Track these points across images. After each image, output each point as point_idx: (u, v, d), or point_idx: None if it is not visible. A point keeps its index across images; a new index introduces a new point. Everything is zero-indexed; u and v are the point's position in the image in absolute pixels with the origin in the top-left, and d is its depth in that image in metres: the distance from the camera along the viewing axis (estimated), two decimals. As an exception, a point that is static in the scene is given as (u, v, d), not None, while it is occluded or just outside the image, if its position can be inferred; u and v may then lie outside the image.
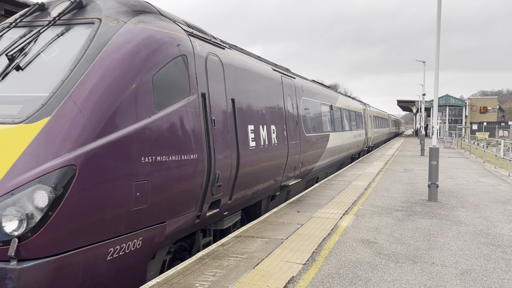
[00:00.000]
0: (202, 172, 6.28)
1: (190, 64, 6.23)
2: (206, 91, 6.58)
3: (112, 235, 4.91)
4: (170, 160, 5.56)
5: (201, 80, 6.49)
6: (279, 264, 6.01)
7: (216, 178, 6.68)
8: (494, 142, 36.25)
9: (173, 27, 6.21)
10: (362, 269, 5.89)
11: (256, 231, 7.84)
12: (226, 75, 7.46)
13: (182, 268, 5.84)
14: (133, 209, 5.09)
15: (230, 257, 6.31)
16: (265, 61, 10.53)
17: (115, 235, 4.97)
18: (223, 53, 7.61)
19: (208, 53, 6.90)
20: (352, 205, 10.29)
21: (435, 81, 11.90)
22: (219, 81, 7.17)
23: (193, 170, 6.07)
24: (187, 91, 6.09)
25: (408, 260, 6.32)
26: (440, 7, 11.59)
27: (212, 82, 6.85)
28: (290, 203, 10.55)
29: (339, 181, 14.67)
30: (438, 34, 11.69)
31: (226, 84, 7.43)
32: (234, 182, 7.48)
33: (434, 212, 9.71)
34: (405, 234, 7.74)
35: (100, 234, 4.76)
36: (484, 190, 12.94)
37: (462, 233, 7.88)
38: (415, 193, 12.34)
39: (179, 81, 5.97)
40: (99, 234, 4.75)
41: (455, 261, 6.31)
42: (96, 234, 4.72)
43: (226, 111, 7.26)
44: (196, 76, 6.35)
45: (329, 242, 7.17)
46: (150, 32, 5.64)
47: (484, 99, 70.18)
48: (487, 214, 9.58)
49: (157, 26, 5.85)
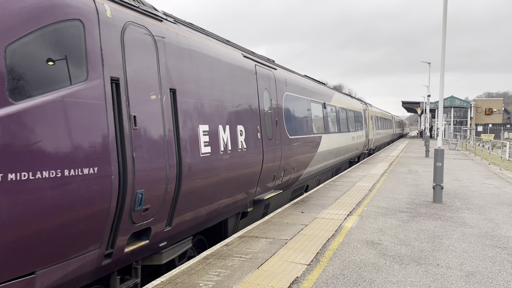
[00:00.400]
0: (108, 193, 4.45)
1: (89, 34, 4.41)
2: (121, 76, 4.79)
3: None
4: (40, 178, 3.74)
5: (111, 59, 4.67)
6: (283, 265, 6.00)
7: (138, 199, 4.89)
8: (499, 144, 36.07)
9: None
10: (367, 270, 5.88)
11: (260, 231, 7.84)
12: (162, 56, 5.59)
13: (186, 267, 5.85)
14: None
15: (234, 257, 6.32)
16: (234, 45, 8.64)
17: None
18: (158, 26, 5.66)
19: (127, 23, 5.01)
20: (357, 206, 10.27)
21: (441, 82, 11.86)
22: (148, 64, 5.31)
23: (89, 190, 4.24)
24: (81, 74, 4.29)
25: (412, 261, 6.30)
26: (446, 9, 11.55)
27: (134, 63, 5.02)
28: (294, 204, 10.55)
29: (343, 182, 14.64)
30: (444, 35, 11.65)
31: (162, 69, 5.55)
32: (174, 201, 5.70)
33: (439, 213, 9.67)
34: (409, 236, 7.72)
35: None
36: (489, 192, 12.88)
37: (467, 235, 7.85)
38: (419, 194, 12.30)
39: (66, 57, 4.18)
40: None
41: (460, 263, 6.29)
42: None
43: (160, 105, 5.41)
44: (101, 53, 4.54)
45: (333, 243, 7.16)
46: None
47: (490, 101, 69.86)
48: (492, 216, 9.53)
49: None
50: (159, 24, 5.74)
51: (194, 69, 6.34)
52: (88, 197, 4.22)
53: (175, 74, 5.84)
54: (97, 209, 4.38)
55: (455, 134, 50.52)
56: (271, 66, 10.16)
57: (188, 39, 6.39)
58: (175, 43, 5.97)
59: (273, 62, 11.00)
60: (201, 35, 6.99)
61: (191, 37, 6.53)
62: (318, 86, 15.22)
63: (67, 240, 4.12)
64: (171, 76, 5.74)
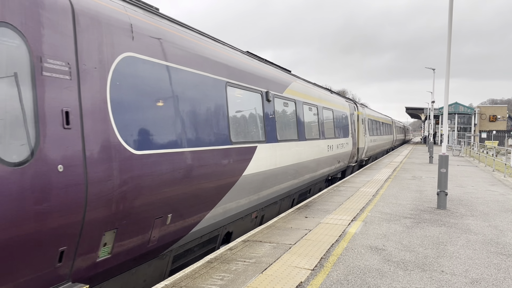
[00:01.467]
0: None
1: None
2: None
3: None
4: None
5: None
6: (287, 269, 5.99)
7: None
8: (503, 151, 35.91)
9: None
10: (371, 276, 5.86)
11: (264, 235, 7.83)
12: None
13: (190, 271, 5.85)
14: None
15: (238, 261, 6.31)
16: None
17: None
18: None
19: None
20: (361, 212, 10.24)
21: (445, 88, 11.85)
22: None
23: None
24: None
25: (417, 268, 6.28)
26: (451, 16, 11.56)
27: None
28: (297, 209, 10.53)
29: (347, 187, 14.62)
30: (449, 42, 11.65)
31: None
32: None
33: (443, 220, 9.64)
34: (414, 242, 7.69)
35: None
36: (493, 199, 12.82)
37: (472, 242, 7.81)
38: (423, 200, 12.26)
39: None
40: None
41: (464, 269, 6.26)
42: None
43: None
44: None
45: (337, 248, 7.15)
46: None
47: (494, 108, 69.64)
48: (497, 223, 9.49)
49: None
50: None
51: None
52: None
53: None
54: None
55: (459, 140, 50.36)
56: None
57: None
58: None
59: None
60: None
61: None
62: (251, 63, 9.10)
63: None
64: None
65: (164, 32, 5.82)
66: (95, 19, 4.56)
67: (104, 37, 4.66)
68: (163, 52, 5.70)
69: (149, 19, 5.63)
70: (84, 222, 4.31)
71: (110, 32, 4.76)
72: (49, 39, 4.00)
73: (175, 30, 6.18)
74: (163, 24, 5.94)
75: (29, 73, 3.82)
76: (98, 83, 4.53)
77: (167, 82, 5.71)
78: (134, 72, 5.10)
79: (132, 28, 5.16)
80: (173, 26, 6.22)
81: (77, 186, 4.16)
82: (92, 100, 4.43)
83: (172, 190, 5.62)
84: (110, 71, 4.73)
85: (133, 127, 4.98)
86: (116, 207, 4.66)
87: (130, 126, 4.93)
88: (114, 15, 4.87)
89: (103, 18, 4.68)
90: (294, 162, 10.94)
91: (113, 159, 4.63)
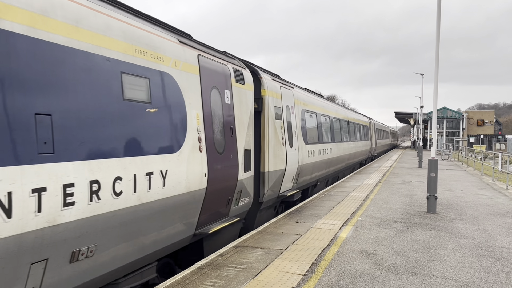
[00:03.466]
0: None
1: None
2: None
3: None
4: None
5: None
6: (278, 275, 5.96)
7: None
8: (491, 155, 36.35)
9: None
10: (362, 281, 5.85)
11: (255, 241, 7.79)
12: None
13: (181, 277, 5.79)
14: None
15: (229, 267, 6.27)
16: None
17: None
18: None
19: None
20: (351, 216, 10.26)
21: (434, 93, 11.96)
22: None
23: None
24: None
25: (408, 272, 6.29)
26: (439, 23, 11.69)
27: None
28: (288, 214, 10.51)
29: (337, 192, 14.65)
30: (437, 47, 11.77)
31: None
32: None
33: (433, 224, 9.69)
34: (404, 246, 7.71)
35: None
36: (482, 203, 12.94)
37: (462, 246, 7.86)
38: (413, 204, 12.32)
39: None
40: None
41: (455, 273, 6.28)
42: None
43: None
44: None
45: (328, 253, 7.14)
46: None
47: (482, 112, 70.53)
48: (486, 226, 9.56)
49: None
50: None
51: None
52: None
53: None
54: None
55: (448, 145, 50.86)
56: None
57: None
58: None
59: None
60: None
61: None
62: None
63: None
64: None
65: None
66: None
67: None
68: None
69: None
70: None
71: None
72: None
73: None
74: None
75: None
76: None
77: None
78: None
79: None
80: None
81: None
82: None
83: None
84: None
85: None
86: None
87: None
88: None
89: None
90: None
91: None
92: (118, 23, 5.04)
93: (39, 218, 3.80)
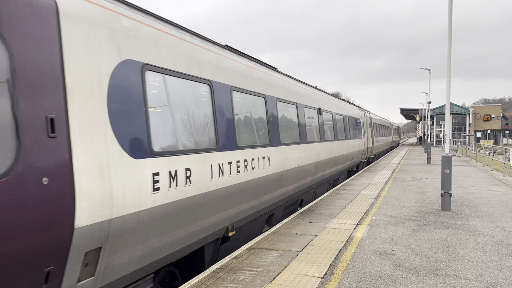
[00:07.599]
0: None
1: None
2: None
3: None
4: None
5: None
6: (296, 278, 5.79)
7: None
8: (500, 149, 35.96)
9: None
10: (383, 283, 5.66)
11: (269, 242, 7.62)
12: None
13: (196, 282, 5.63)
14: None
15: (245, 270, 6.10)
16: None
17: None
18: None
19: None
20: (365, 215, 10.06)
21: (447, 87, 11.74)
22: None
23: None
24: None
25: (429, 272, 6.09)
26: (451, 18, 11.46)
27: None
28: (301, 214, 10.33)
29: (348, 190, 14.44)
30: (450, 38, 11.54)
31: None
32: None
33: (449, 222, 9.47)
34: (422, 245, 7.51)
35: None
36: (496, 199, 12.69)
37: (481, 244, 7.65)
38: (426, 202, 12.10)
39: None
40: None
41: (478, 273, 6.08)
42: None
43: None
44: None
45: (345, 254, 6.95)
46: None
47: (488, 107, 69.98)
48: (504, 223, 9.34)
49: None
50: None
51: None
52: None
53: None
54: None
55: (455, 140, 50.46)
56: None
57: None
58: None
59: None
60: None
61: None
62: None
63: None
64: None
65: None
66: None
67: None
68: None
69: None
70: None
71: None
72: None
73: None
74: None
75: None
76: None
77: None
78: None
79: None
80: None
81: None
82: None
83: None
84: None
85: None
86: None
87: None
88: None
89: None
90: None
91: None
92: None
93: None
